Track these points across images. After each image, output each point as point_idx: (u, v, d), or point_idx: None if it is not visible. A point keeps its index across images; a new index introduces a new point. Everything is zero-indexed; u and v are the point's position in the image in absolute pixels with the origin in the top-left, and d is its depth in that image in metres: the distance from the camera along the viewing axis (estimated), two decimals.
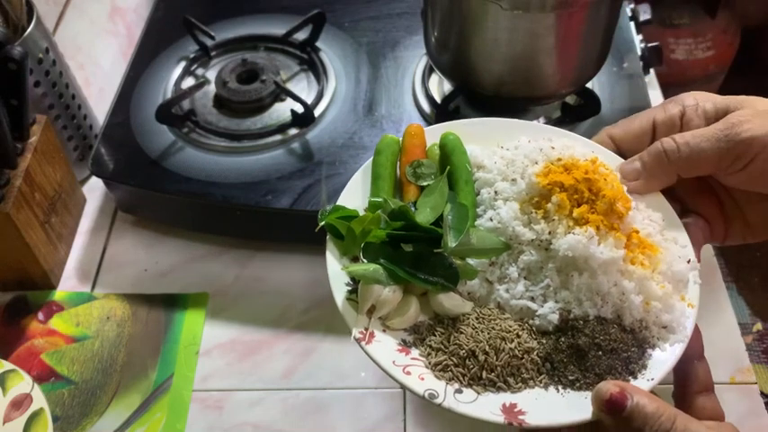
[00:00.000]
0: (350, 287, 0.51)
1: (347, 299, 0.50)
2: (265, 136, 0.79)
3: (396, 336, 0.50)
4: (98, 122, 0.88)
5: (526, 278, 0.51)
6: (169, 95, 0.83)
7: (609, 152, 0.57)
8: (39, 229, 0.73)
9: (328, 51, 0.87)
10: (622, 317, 0.50)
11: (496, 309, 0.51)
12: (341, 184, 0.56)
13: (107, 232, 0.82)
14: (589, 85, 0.79)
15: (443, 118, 0.74)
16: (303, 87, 0.85)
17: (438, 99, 0.81)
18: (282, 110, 0.82)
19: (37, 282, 0.75)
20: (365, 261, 0.51)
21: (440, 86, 0.84)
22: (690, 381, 0.49)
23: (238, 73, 0.84)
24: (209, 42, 0.88)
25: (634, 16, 0.91)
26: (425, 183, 0.56)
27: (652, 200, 0.55)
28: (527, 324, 0.50)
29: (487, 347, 0.48)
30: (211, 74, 0.86)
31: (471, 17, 0.67)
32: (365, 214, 0.52)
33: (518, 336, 0.49)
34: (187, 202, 0.76)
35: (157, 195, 0.76)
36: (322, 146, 0.78)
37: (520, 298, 0.51)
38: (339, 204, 0.54)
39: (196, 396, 0.68)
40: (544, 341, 0.50)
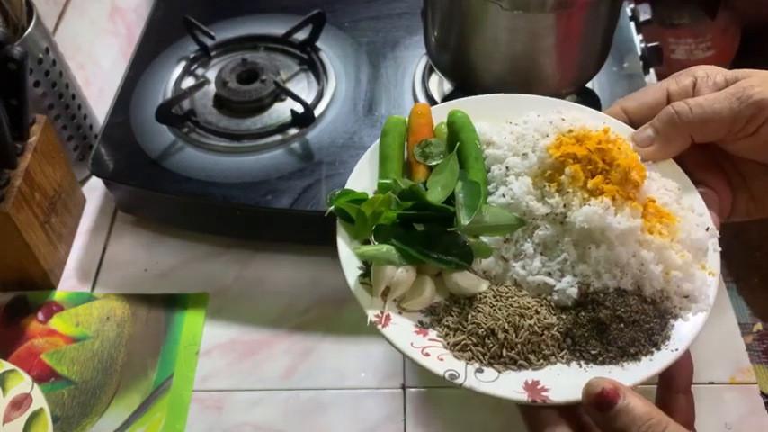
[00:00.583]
0: (362, 270, 0.50)
1: (360, 282, 0.49)
2: (265, 136, 0.79)
3: (412, 317, 0.49)
4: (98, 122, 0.88)
5: (542, 253, 0.50)
6: (169, 95, 0.83)
7: (620, 123, 0.56)
8: (39, 229, 0.73)
9: (328, 51, 0.87)
10: (643, 288, 0.49)
11: (513, 286, 0.50)
12: (341, 184, 0.56)
13: (107, 232, 0.81)
14: (589, 85, 0.79)
15: None
16: (303, 87, 0.85)
17: (438, 99, 0.81)
18: (282, 110, 0.81)
19: (37, 282, 0.75)
20: (376, 244, 0.50)
21: (440, 86, 0.84)
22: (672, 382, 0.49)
23: (238, 73, 0.84)
24: (209, 42, 0.88)
25: (634, 16, 0.91)
26: (434, 162, 0.55)
27: (666, 168, 0.54)
28: (545, 300, 0.50)
29: (506, 325, 0.48)
30: (211, 74, 0.85)
31: (471, 17, 0.67)
32: (375, 196, 0.51)
33: (537, 312, 0.48)
34: (187, 202, 0.76)
35: (157, 195, 0.76)
36: (322, 146, 0.77)
37: (537, 274, 0.50)
38: (347, 188, 0.53)
39: (196, 396, 0.68)
40: (564, 316, 0.49)
